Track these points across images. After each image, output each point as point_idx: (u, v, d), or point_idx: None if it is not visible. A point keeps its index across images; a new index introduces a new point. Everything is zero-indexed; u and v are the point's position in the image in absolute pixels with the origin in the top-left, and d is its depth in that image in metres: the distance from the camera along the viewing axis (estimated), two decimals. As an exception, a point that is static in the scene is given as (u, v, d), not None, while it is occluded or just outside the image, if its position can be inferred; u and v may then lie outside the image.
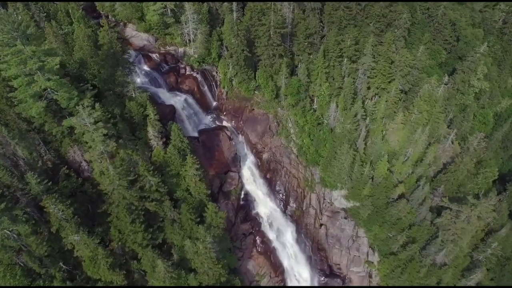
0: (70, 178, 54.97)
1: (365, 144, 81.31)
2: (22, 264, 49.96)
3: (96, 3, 78.12)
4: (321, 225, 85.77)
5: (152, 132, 60.03)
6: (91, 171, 57.74)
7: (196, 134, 75.50)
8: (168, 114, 70.78)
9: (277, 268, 78.80)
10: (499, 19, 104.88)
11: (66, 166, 55.64)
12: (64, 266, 52.32)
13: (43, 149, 54.60)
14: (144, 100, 61.77)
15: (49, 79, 48.81)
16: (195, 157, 60.27)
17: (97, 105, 51.60)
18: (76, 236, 50.28)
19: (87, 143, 52.88)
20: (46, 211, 49.29)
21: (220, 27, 79.98)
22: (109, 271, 53.41)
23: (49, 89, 51.25)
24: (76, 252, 51.92)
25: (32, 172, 48.49)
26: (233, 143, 77.12)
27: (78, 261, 54.23)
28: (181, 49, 79.13)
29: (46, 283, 49.82)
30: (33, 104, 50.17)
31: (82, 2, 75.58)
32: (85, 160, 58.30)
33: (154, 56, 77.11)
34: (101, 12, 78.75)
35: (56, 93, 51.57)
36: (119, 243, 56.64)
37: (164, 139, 62.59)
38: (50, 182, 50.58)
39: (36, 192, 49.06)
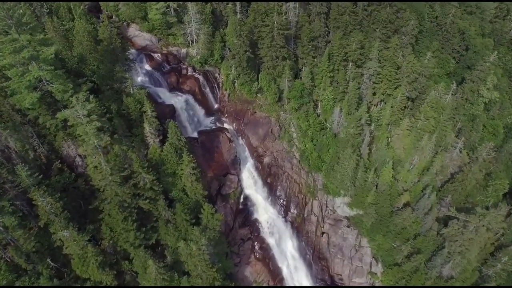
0: (63, 173, 53.81)
1: (369, 150, 79.44)
2: (8, 259, 48.45)
3: (101, 3, 78.02)
4: (322, 233, 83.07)
5: (148, 129, 58.76)
6: (85, 166, 56.35)
7: (195, 135, 74.04)
8: (167, 114, 69.60)
9: (276, 275, 76.04)
10: (510, 30, 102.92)
11: (59, 161, 54.53)
12: (52, 263, 50.76)
13: (37, 142, 53.55)
14: (141, 97, 60.73)
15: (43, 69, 47.96)
16: (192, 156, 58.72)
17: (91, 97, 50.53)
18: (65, 232, 48.89)
19: (80, 136, 51.57)
20: (35, 205, 47.93)
21: (223, 29, 79.31)
22: (99, 270, 51.86)
23: (44, 81, 50.40)
24: (65, 249, 50.48)
25: (23, 164, 47.35)
26: (233, 145, 75.40)
27: (67, 259, 52.82)
28: (183, 50, 78.46)
29: (32, 279, 48.08)
30: (27, 95, 49.30)
31: (86, 2, 75.48)
32: (79, 155, 57.08)
33: (156, 56, 76.44)
34: (105, 11, 78.59)
35: (51, 84, 50.73)
36: (111, 241, 54.96)
37: (161, 137, 61.39)
38: (42, 175, 49.43)
39: (26, 185, 47.84)
